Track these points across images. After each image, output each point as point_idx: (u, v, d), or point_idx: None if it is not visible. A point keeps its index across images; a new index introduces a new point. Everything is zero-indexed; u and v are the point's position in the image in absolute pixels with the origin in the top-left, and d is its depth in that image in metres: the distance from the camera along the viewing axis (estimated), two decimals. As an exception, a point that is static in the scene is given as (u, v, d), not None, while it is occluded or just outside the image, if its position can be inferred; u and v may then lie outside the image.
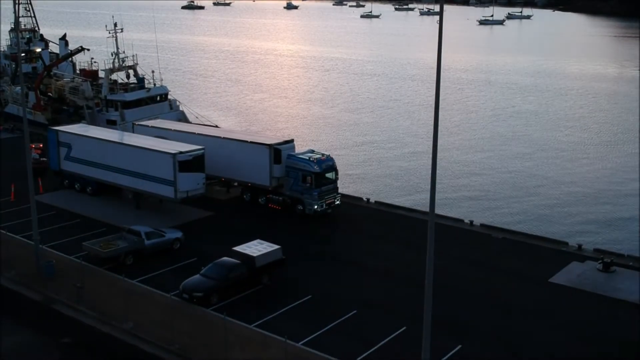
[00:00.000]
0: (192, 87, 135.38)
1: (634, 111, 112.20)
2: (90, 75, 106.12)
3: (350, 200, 56.11)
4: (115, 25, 75.88)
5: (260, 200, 54.46)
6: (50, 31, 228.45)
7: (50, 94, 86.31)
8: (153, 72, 77.88)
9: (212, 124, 77.87)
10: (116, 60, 76.65)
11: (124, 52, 76.93)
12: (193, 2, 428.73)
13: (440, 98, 26.29)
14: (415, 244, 45.06)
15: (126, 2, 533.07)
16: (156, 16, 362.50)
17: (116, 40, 76.31)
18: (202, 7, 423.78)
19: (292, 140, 54.55)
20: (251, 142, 53.89)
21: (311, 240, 47.57)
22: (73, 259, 42.47)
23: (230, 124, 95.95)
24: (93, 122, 74.74)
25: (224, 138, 55.53)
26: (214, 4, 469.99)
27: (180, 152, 49.57)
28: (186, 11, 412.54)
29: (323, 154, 52.98)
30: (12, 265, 41.81)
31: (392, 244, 46.94)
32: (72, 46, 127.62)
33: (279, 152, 52.61)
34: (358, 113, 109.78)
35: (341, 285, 40.23)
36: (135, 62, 78.13)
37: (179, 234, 45.48)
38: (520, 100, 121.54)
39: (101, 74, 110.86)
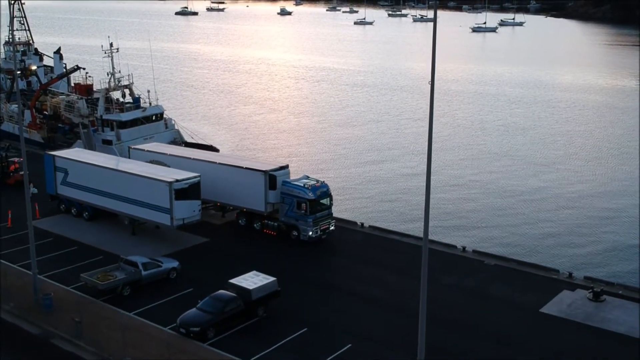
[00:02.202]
0: (183, 99, 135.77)
1: (619, 124, 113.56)
2: (85, 89, 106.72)
3: (345, 225, 56.67)
4: (111, 45, 76.20)
5: (255, 225, 55.06)
6: (43, 39, 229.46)
7: (45, 111, 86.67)
8: (149, 91, 78.32)
9: (207, 144, 78.56)
10: (112, 80, 77.01)
11: (119, 71, 77.32)
12: (187, 7, 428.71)
13: (427, 109, 27.02)
14: (408, 271, 45.83)
15: (119, 6, 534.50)
16: (149, 22, 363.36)
17: (112, 60, 76.63)
18: (195, 13, 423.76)
19: (287, 166, 55.21)
20: (246, 168, 54.49)
21: (306, 268, 48.14)
22: (71, 290, 43.01)
23: (220, 140, 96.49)
24: (89, 142, 75.20)
25: (219, 164, 56.10)
26: (208, 9, 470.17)
27: (177, 180, 50.11)
28: (180, 17, 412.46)
29: (317, 181, 53.62)
30: (11, 296, 42.24)
31: (386, 271, 47.54)
32: (66, 59, 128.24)
33: (274, 178, 53.31)
34: (347, 127, 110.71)
35: (336, 317, 40.81)
36: (131, 81, 78.49)
37: (175, 264, 45.99)
38: (508, 113, 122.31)
39: (95, 88, 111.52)
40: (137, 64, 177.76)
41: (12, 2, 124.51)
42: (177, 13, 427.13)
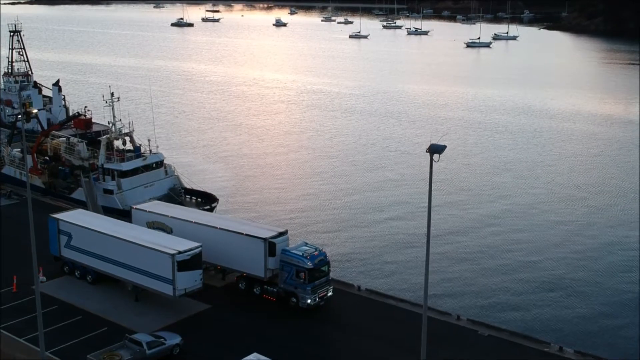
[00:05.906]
0: (173, 128, 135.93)
1: (603, 157, 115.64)
2: (83, 124, 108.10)
3: (342, 287, 58.03)
4: (112, 94, 77.78)
5: (255, 290, 56.44)
6: (39, 55, 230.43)
7: (47, 157, 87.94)
8: (149, 140, 79.85)
9: (205, 192, 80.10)
10: (113, 129, 78.50)
11: (120, 119, 78.76)
12: (182, 19, 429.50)
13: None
14: (407, 344, 47.47)
15: (114, 16, 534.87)
16: (144, 35, 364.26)
17: (113, 109, 78.18)
18: (191, 25, 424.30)
19: (286, 232, 56.65)
20: (247, 235, 55.85)
21: (306, 345, 48.96)
22: (78, 370, 44.37)
23: (216, 180, 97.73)
24: (90, 191, 76.53)
25: (220, 229, 57.45)
26: (203, 19, 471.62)
27: (179, 252, 51.40)
28: (175, 29, 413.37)
29: (316, 249, 55.05)
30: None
31: (384, 342, 48.83)
32: (62, 78, 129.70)
33: (273, 245, 54.74)
34: (336, 159, 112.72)
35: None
36: (132, 129, 79.87)
37: (177, 339, 47.29)
38: (493, 145, 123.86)
39: (94, 120, 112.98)
40: (131, 86, 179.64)
41: (12, 34, 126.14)
42: (172, 24, 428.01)
